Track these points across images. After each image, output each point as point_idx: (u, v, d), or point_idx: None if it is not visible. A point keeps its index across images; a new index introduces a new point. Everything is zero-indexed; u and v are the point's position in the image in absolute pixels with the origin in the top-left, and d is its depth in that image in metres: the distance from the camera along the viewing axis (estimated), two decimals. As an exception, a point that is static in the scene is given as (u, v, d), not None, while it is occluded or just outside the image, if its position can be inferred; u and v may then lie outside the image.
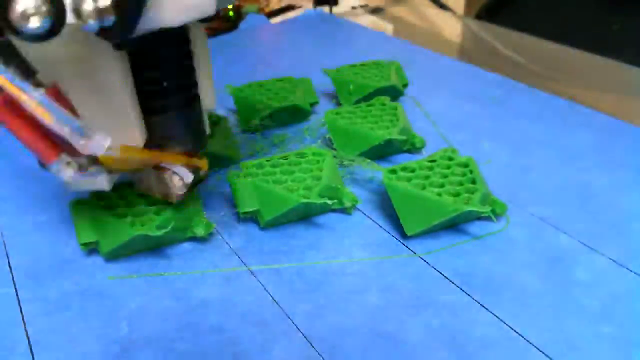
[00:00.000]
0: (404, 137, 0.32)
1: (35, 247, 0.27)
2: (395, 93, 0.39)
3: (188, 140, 0.25)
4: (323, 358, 0.21)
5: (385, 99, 0.36)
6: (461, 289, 0.24)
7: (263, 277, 0.25)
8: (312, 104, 0.40)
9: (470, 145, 0.34)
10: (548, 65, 0.51)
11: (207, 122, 0.26)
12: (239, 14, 0.60)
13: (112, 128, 0.22)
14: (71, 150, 0.20)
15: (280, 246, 0.27)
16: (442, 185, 0.27)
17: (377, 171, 0.28)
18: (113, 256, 0.26)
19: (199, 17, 0.21)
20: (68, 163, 0.21)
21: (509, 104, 0.41)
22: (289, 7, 0.65)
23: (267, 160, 0.29)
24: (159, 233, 0.24)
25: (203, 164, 0.26)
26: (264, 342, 0.22)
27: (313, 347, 0.22)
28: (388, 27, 0.64)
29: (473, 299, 0.24)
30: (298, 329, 0.23)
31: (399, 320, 0.23)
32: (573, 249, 0.27)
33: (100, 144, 0.20)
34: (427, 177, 0.28)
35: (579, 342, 0.22)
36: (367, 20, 0.65)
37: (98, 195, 0.26)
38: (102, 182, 0.23)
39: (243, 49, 0.53)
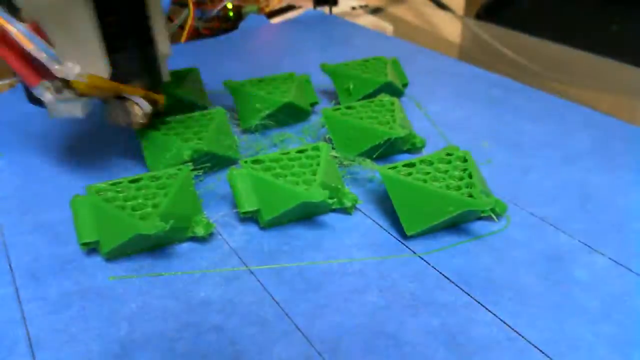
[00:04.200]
0: (406, 132, 0.32)
1: (35, 247, 0.27)
2: (394, 91, 0.39)
3: (145, 77, 0.31)
4: (323, 358, 0.21)
5: (384, 96, 0.36)
6: (461, 289, 0.25)
7: (263, 277, 0.25)
8: (312, 104, 0.40)
9: (470, 145, 0.34)
10: (548, 65, 0.51)
11: (166, 68, 0.32)
12: (239, 14, 0.60)
13: (83, 61, 0.27)
14: (49, 76, 0.26)
15: (281, 246, 0.27)
16: (442, 180, 0.27)
17: (377, 171, 0.28)
18: (113, 256, 0.26)
19: None
20: (47, 87, 0.27)
21: (509, 104, 0.41)
22: (289, 7, 0.65)
23: (267, 156, 0.29)
24: (159, 232, 0.24)
25: (160, 98, 0.31)
26: (264, 342, 0.22)
27: (313, 346, 0.22)
28: (388, 27, 0.64)
29: (473, 298, 0.24)
30: (298, 328, 0.23)
31: (399, 320, 0.23)
32: (573, 249, 0.27)
33: (70, 69, 0.26)
34: (427, 173, 0.28)
35: (578, 342, 0.22)
36: (367, 21, 0.65)
37: (96, 189, 0.26)
38: (76, 109, 0.28)
39: (243, 49, 0.53)
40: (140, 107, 0.30)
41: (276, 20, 0.62)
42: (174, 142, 0.31)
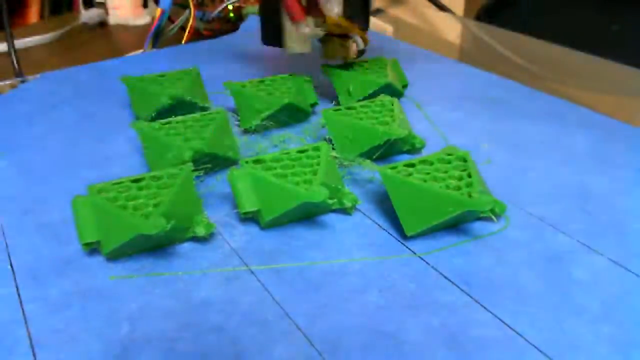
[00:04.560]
0: (406, 132, 0.32)
1: (36, 247, 0.27)
2: (394, 92, 0.39)
3: (361, 17, 0.39)
4: (323, 358, 0.21)
5: (384, 97, 0.36)
6: (461, 289, 0.25)
7: (263, 277, 0.25)
8: (312, 105, 0.40)
9: (470, 146, 0.34)
10: (548, 66, 0.51)
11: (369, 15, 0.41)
12: (240, 16, 0.60)
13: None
14: (314, 13, 0.35)
15: (281, 246, 0.27)
16: (442, 180, 0.27)
17: (377, 171, 0.28)
18: (114, 256, 0.26)
19: None
20: (308, 25, 0.35)
21: (509, 104, 0.41)
22: (289, 8, 0.65)
23: (268, 156, 0.29)
24: (161, 232, 0.24)
25: (366, 38, 0.38)
26: (264, 342, 0.22)
27: (314, 346, 0.22)
28: (388, 29, 0.64)
29: (473, 298, 0.24)
30: (298, 328, 0.23)
31: (399, 320, 0.23)
32: (572, 249, 0.27)
33: (334, 10, 0.35)
34: (427, 173, 0.28)
35: (578, 342, 0.22)
36: (367, 22, 0.65)
37: (97, 189, 0.26)
38: (307, 46, 0.37)
39: (243, 50, 0.53)
40: (357, 44, 0.37)
41: (276, 21, 0.62)
42: (175, 143, 0.31)
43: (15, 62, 0.51)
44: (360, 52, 0.38)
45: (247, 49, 0.53)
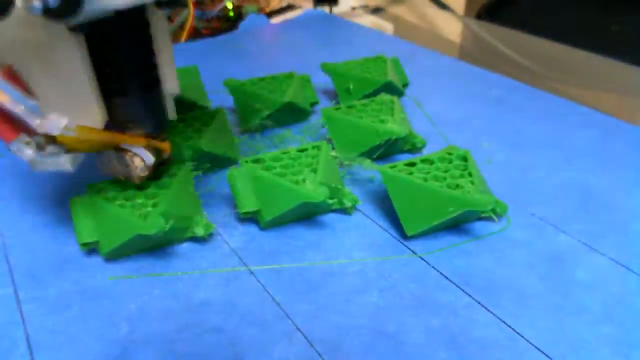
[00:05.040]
0: (406, 132, 0.32)
1: (35, 247, 0.27)
2: (394, 91, 0.39)
3: (148, 122, 0.25)
4: (323, 358, 0.21)
5: (384, 96, 0.36)
6: (461, 289, 0.24)
7: (263, 277, 0.25)
8: (312, 104, 0.40)
9: (470, 145, 0.34)
10: (548, 65, 0.51)
11: (172, 107, 0.27)
12: (239, 14, 0.60)
13: (72, 110, 0.22)
14: (30, 131, 0.22)
15: (281, 246, 0.27)
16: (443, 179, 0.27)
17: (377, 171, 0.28)
18: (113, 256, 0.26)
19: None
20: (27, 143, 0.22)
21: (510, 103, 0.41)
22: (289, 7, 0.65)
23: (267, 155, 0.29)
24: (159, 232, 0.24)
25: (165, 146, 0.26)
26: (264, 343, 0.22)
27: (313, 347, 0.22)
28: (388, 27, 0.64)
29: (473, 299, 0.24)
30: (298, 329, 0.23)
31: (399, 321, 0.23)
32: (573, 249, 0.27)
33: (55, 124, 0.22)
34: (427, 172, 0.27)
35: (579, 343, 0.22)
36: (367, 20, 0.65)
37: (96, 188, 0.26)
38: (65, 163, 0.23)
39: (243, 49, 0.53)
40: (141, 159, 0.25)
41: (276, 20, 0.62)
42: (174, 142, 0.31)
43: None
44: (160, 164, 0.27)
45: (246, 48, 0.53)
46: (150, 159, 0.25)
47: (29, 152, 0.23)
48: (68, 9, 0.19)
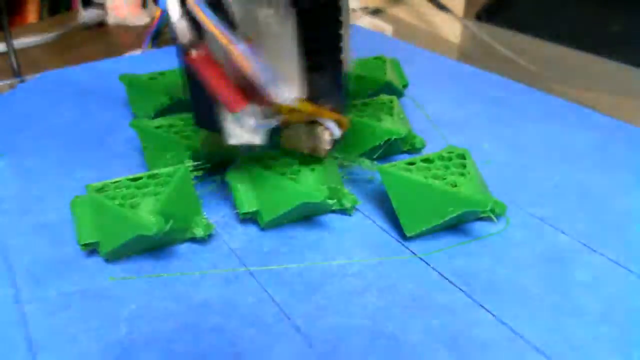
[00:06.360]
0: (406, 132, 0.32)
1: (35, 248, 0.27)
2: (393, 91, 0.39)
3: (335, 97, 0.27)
4: (323, 359, 0.21)
5: (384, 96, 0.36)
6: (461, 290, 0.24)
7: (263, 278, 0.25)
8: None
9: (469, 146, 0.34)
10: (548, 66, 0.51)
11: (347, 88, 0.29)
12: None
13: (282, 83, 0.24)
14: (258, 100, 0.24)
15: (280, 247, 0.27)
16: (443, 178, 0.27)
17: (377, 171, 0.28)
18: (113, 257, 0.26)
19: None
20: (253, 113, 0.25)
21: (509, 104, 0.41)
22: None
23: (267, 154, 0.29)
24: (159, 232, 0.24)
25: (346, 122, 0.28)
26: (264, 343, 0.22)
27: (313, 347, 0.22)
28: (388, 29, 0.64)
29: (473, 299, 0.24)
30: (298, 330, 0.23)
31: (399, 321, 0.23)
32: (573, 250, 0.27)
33: (287, 94, 0.24)
34: (427, 170, 0.28)
35: (578, 343, 0.22)
36: (367, 22, 0.65)
37: (96, 188, 0.26)
38: (259, 136, 0.26)
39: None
40: (330, 133, 0.27)
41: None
42: (174, 142, 0.31)
43: (14, 62, 0.51)
44: (336, 141, 0.29)
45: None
46: (338, 132, 0.27)
47: (251, 122, 0.25)
48: None
